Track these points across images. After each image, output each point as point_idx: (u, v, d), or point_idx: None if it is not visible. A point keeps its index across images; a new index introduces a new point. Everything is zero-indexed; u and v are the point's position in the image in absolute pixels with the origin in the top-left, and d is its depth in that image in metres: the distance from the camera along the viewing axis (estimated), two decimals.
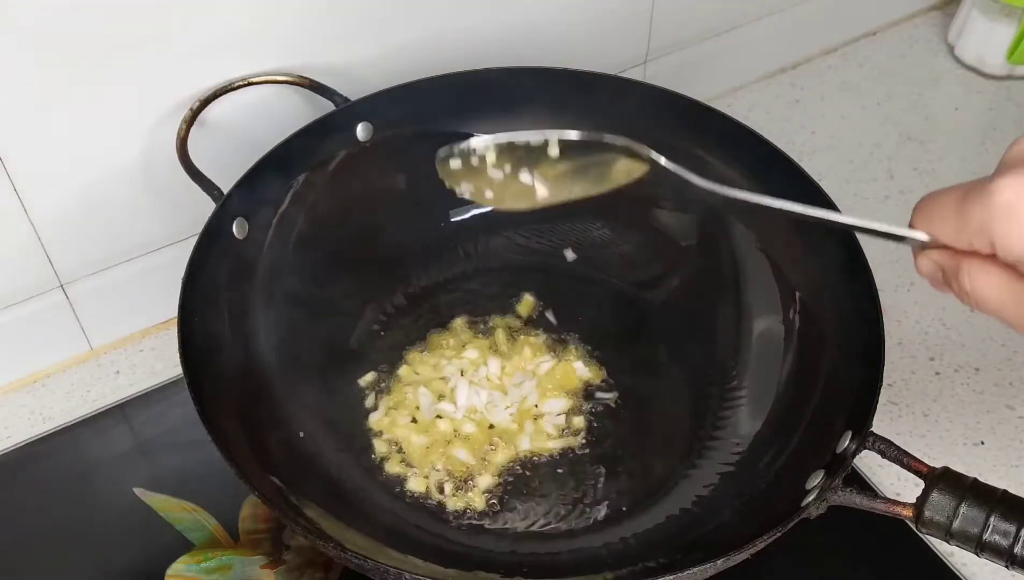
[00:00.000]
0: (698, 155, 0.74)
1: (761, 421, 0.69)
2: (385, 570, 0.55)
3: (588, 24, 0.85)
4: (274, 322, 0.70)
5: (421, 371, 0.73)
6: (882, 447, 0.57)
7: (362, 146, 0.74)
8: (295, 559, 0.67)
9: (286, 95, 0.74)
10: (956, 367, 0.78)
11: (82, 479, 0.72)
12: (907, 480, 0.71)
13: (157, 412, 0.76)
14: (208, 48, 0.70)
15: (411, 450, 0.69)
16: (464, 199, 0.77)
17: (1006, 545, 0.52)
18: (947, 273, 0.49)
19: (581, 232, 0.79)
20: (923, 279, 0.50)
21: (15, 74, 0.64)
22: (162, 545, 0.68)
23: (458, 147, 0.56)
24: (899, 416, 0.75)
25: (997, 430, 0.74)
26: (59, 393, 0.77)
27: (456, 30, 0.79)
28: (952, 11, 1.03)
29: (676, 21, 0.89)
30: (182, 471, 0.72)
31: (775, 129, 0.94)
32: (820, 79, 1.00)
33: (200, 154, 0.70)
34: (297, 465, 0.66)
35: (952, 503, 0.53)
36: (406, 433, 0.70)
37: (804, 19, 0.98)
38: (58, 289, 0.75)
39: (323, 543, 0.57)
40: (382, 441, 0.70)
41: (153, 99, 0.70)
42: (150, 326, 0.81)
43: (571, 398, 0.72)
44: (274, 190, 0.71)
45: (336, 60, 0.75)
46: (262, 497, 0.57)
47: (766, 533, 0.55)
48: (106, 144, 0.70)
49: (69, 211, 0.71)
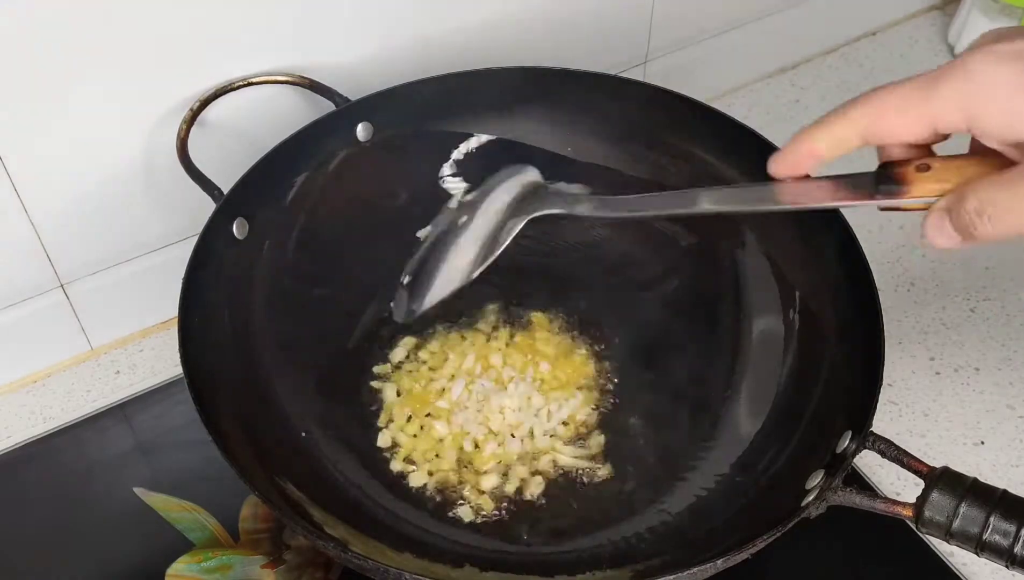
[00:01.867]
0: (698, 155, 0.74)
1: (761, 421, 0.69)
2: (385, 570, 0.55)
3: (588, 24, 0.85)
4: (274, 322, 0.70)
5: (422, 370, 0.73)
6: (882, 447, 0.57)
7: (362, 146, 0.74)
8: (295, 559, 0.67)
9: (286, 95, 0.74)
10: (956, 367, 0.78)
11: (82, 479, 0.72)
12: (907, 480, 0.71)
13: (157, 412, 0.76)
14: (208, 48, 0.70)
15: (414, 449, 0.69)
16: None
17: (1006, 545, 0.52)
18: (953, 213, 0.46)
19: (581, 232, 0.79)
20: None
21: (15, 74, 0.64)
22: (162, 545, 0.68)
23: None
24: (899, 416, 0.75)
25: (997, 430, 0.74)
26: (59, 393, 0.77)
27: (456, 30, 0.79)
28: (952, 11, 1.03)
29: (676, 21, 0.89)
30: (182, 471, 0.72)
31: (775, 129, 0.93)
32: (820, 79, 1.00)
33: (200, 154, 0.70)
34: (298, 465, 0.66)
35: (952, 503, 0.53)
36: (409, 432, 0.70)
37: (804, 19, 0.97)
38: (58, 289, 0.75)
39: (323, 543, 0.57)
40: (385, 440, 0.70)
41: (153, 99, 0.70)
42: (150, 326, 0.81)
43: (572, 398, 0.72)
44: (274, 190, 0.71)
45: (336, 60, 0.75)
46: (262, 497, 0.57)
47: (766, 533, 0.56)
48: (106, 144, 0.70)
49: (69, 211, 0.71)
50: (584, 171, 0.75)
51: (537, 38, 0.83)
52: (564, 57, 0.78)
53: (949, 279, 0.83)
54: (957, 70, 0.44)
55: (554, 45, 0.83)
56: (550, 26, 0.83)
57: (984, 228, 0.45)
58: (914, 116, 0.46)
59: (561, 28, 0.84)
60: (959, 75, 0.44)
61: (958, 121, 0.44)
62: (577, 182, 0.71)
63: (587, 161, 0.78)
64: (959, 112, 0.44)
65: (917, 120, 0.46)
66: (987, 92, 0.43)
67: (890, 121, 0.46)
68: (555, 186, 0.66)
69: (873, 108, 0.47)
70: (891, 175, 0.49)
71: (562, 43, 0.84)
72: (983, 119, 0.44)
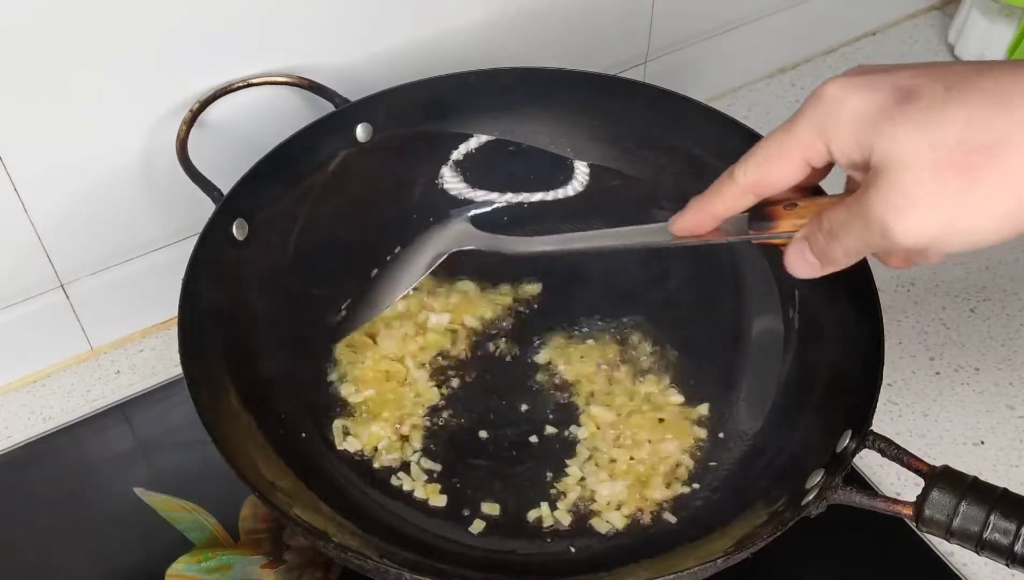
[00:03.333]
0: (698, 155, 0.74)
1: (761, 420, 0.69)
2: (385, 570, 0.55)
3: (588, 24, 0.85)
4: (274, 322, 0.70)
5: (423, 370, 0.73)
6: (882, 446, 0.57)
7: (362, 146, 0.74)
8: (295, 559, 0.67)
9: (286, 96, 0.75)
10: (956, 367, 0.78)
11: (82, 479, 0.72)
12: (907, 479, 0.71)
13: (157, 412, 0.76)
14: (208, 49, 0.70)
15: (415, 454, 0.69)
16: (464, 199, 0.79)
17: (1006, 543, 0.52)
18: (811, 240, 0.50)
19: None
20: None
21: (15, 74, 0.64)
22: (162, 545, 0.68)
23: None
24: (899, 416, 0.75)
25: (997, 430, 0.74)
26: (59, 393, 0.77)
27: (456, 30, 0.79)
28: (952, 11, 1.03)
29: (676, 21, 0.89)
30: (182, 471, 0.72)
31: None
32: (820, 79, 0.99)
33: (200, 155, 0.70)
34: (299, 466, 0.65)
35: (952, 502, 0.53)
36: (411, 434, 0.70)
37: (804, 19, 0.98)
38: (58, 289, 0.75)
39: (323, 543, 0.57)
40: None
41: (153, 99, 0.70)
42: (150, 326, 0.81)
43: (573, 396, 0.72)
44: (274, 190, 0.71)
45: (336, 60, 0.75)
46: (262, 497, 0.57)
47: (766, 533, 0.56)
48: (106, 144, 0.70)
49: (69, 211, 0.71)
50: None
51: (537, 38, 0.83)
52: (564, 57, 0.78)
53: (949, 279, 0.83)
54: (813, 99, 0.47)
55: (554, 45, 0.83)
56: (550, 26, 0.83)
57: (834, 249, 0.49)
58: (787, 157, 0.49)
59: (561, 28, 0.84)
60: (814, 103, 0.47)
61: (819, 148, 0.47)
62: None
63: (587, 161, 0.78)
64: (817, 138, 0.47)
65: (790, 160, 0.49)
66: (835, 115, 0.46)
67: (774, 174, 0.50)
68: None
69: (757, 167, 0.50)
70: (764, 214, 0.53)
71: (562, 43, 0.84)
72: (834, 142, 0.47)
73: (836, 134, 0.46)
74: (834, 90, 0.47)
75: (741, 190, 0.51)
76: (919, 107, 0.44)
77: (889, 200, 0.44)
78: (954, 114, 0.44)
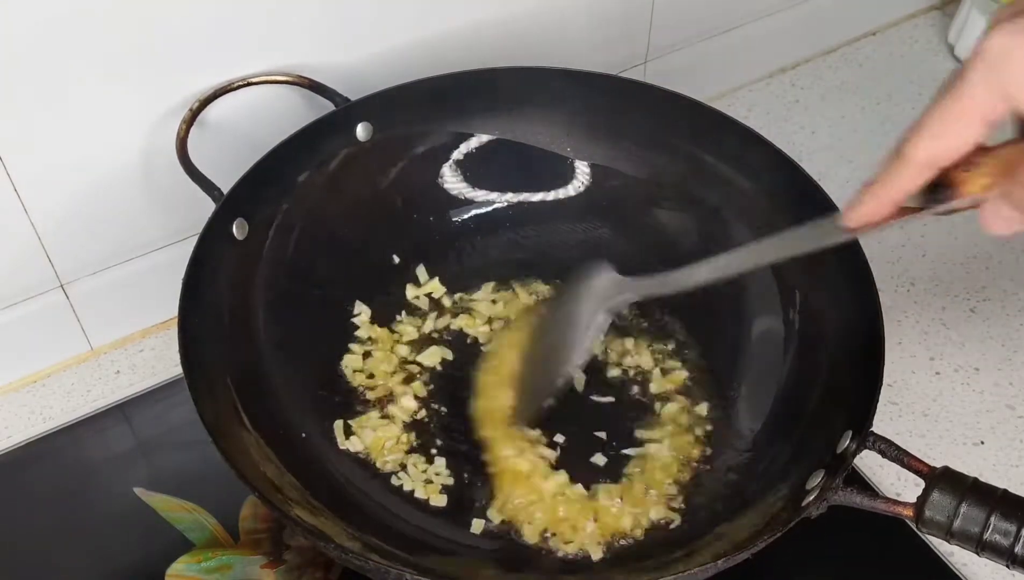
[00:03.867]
0: (698, 155, 0.74)
1: (761, 421, 0.69)
2: (386, 570, 0.55)
3: (588, 24, 0.85)
4: (274, 322, 0.70)
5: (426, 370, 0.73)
6: (882, 447, 0.57)
7: (362, 146, 0.74)
8: (295, 559, 0.67)
9: (286, 95, 0.74)
10: (956, 367, 0.78)
11: (82, 479, 0.72)
12: (907, 480, 0.71)
13: (157, 412, 0.76)
14: (208, 48, 0.70)
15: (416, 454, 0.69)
16: (464, 199, 0.79)
17: (1007, 544, 0.52)
18: (1012, 196, 0.46)
19: (581, 232, 0.79)
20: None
21: (15, 74, 0.64)
22: (162, 545, 0.68)
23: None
24: (899, 416, 0.75)
25: (997, 430, 0.74)
26: (59, 393, 0.77)
27: (455, 30, 0.79)
28: (952, 11, 1.03)
29: (676, 21, 0.89)
30: (182, 471, 0.72)
31: (775, 129, 0.94)
32: (820, 79, 1.00)
33: (200, 154, 0.70)
34: (299, 466, 0.65)
35: (953, 502, 0.53)
36: (412, 434, 0.70)
37: (804, 19, 0.98)
38: (58, 289, 0.75)
39: (323, 543, 0.57)
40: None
41: (153, 99, 0.70)
42: (150, 326, 0.81)
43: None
44: (274, 190, 0.71)
45: (336, 60, 0.75)
46: (262, 497, 0.57)
47: (766, 533, 0.56)
48: (106, 144, 0.70)
49: (69, 211, 0.71)
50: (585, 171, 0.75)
51: (537, 38, 0.83)
52: (564, 57, 0.78)
53: (949, 279, 0.83)
54: (976, 58, 0.45)
55: (554, 45, 0.83)
56: (550, 26, 0.83)
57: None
58: (966, 122, 0.46)
59: (561, 28, 0.84)
60: (980, 61, 0.44)
61: (999, 105, 0.45)
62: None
63: (587, 161, 0.78)
64: (996, 95, 0.45)
65: (969, 125, 0.46)
66: (1011, 67, 0.44)
67: (953, 143, 0.47)
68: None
69: (933, 139, 0.48)
70: (941, 182, 0.50)
71: (562, 43, 0.84)
72: (1020, 96, 0.44)
73: (1020, 90, 0.44)
74: (999, 41, 0.44)
75: (919, 168, 0.48)
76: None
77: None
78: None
